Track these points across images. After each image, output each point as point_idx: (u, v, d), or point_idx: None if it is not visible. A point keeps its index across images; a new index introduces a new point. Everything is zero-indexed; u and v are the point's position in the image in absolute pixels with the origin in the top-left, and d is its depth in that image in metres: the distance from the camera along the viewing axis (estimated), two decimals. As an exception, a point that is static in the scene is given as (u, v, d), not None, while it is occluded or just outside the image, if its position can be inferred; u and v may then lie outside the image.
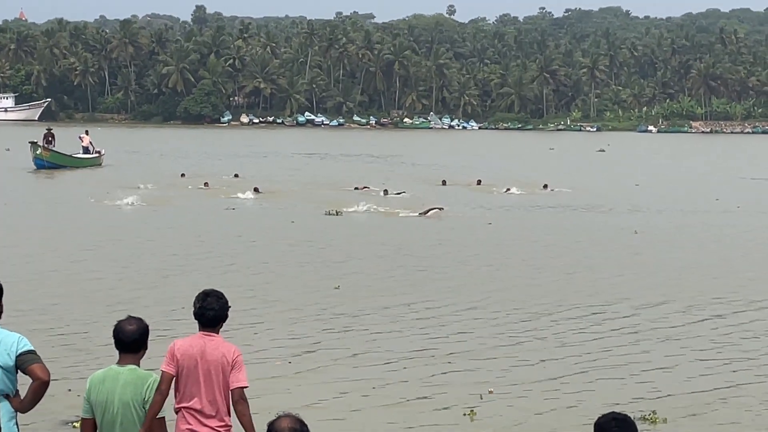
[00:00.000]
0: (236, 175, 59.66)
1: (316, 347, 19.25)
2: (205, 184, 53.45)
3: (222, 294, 8.76)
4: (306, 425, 6.56)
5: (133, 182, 53.25)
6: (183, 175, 60.02)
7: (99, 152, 70.03)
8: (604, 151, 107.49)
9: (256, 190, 49.74)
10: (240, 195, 48.23)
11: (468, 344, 19.51)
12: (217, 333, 8.71)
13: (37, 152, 63.63)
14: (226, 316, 8.77)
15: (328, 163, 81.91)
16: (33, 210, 42.93)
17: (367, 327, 21.08)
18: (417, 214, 41.35)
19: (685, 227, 40.83)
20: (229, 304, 8.79)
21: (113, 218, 39.78)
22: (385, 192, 50.76)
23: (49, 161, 63.94)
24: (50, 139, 66.59)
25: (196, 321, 8.76)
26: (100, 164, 69.15)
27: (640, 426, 14.60)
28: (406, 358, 18.40)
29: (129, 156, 76.00)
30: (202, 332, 8.70)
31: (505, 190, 54.06)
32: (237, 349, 8.75)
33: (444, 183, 58.93)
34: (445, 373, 17.42)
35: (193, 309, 8.77)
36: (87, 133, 71.47)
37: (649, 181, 63.88)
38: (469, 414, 15.14)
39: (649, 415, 15.12)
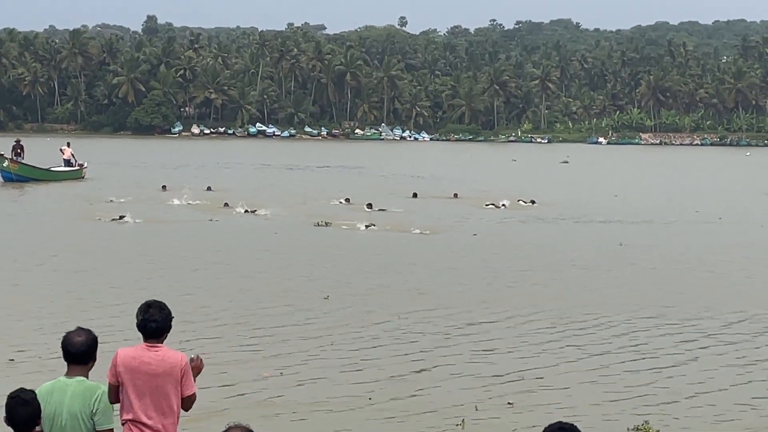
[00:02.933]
0: (209, 188, 57.52)
1: (308, 358, 19.13)
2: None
3: (164, 305, 8.64)
4: None
5: (118, 195, 51.99)
6: (164, 187, 57.89)
7: (81, 165, 67.34)
8: (567, 162, 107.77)
9: (250, 211, 46.48)
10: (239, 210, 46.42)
11: (459, 357, 19.27)
12: (161, 344, 8.58)
13: (4, 164, 60.71)
14: (169, 327, 8.65)
15: (300, 174, 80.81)
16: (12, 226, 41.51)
17: (357, 337, 21.02)
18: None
19: (676, 239, 40.89)
20: (172, 315, 8.68)
21: (112, 235, 38.62)
22: (369, 206, 48.99)
23: (18, 174, 60.71)
24: (19, 151, 64.12)
25: (140, 332, 8.60)
26: (83, 177, 66.16)
27: None
28: (397, 373, 18.20)
29: (100, 168, 72.77)
30: (145, 344, 8.55)
31: (501, 204, 51.94)
32: (184, 356, 8.65)
33: (415, 195, 57.37)
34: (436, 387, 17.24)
35: (135, 321, 8.60)
36: (69, 145, 69.02)
37: (626, 193, 63.75)
38: (460, 424, 15.02)
39: (642, 425, 14.99)
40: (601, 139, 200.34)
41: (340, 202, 52.05)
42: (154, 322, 8.51)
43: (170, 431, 8.52)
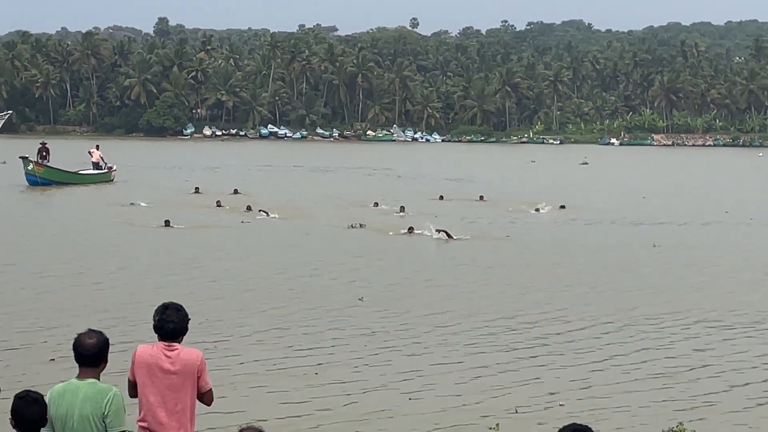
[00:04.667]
0: (236, 191, 56.77)
1: (343, 358, 19.21)
2: (217, 203, 50.19)
3: (181, 306, 8.73)
4: None
5: (150, 199, 51.42)
6: (197, 189, 57.24)
7: (110, 167, 65.86)
8: (587, 163, 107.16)
9: (264, 212, 45.82)
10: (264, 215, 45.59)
11: (493, 358, 19.22)
12: (179, 342, 8.67)
13: (29, 168, 59.29)
14: (186, 329, 8.73)
15: (325, 177, 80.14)
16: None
17: (393, 338, 21.01)
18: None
19: (711, 240, 41.05)
20: (189, 317, 8.74)
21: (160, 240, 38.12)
22: (402, 209, 48.12)
23: (43, 177, 59.34)
24: (44, 153, 62.89)
25: (156, 333, 8.68)
26: (112, 180, 64.82)
27: None
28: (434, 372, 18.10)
29: (123, 170, 70.83)
30: (162, 343, 8.62)
31: (534, 209, 50.79)
32: (200, 353, 8.78)
33: (441, 198, 56.72)
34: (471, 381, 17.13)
35: (153, 322, 8.67)
36: (97, 147, 67.55)
37: (652, 194, 63.36)
38: (494, 428, 14.90)
39: (677, 426, 14.87)
40: (613, 140, 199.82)
41: (375, 205, 51.28)
42: (172, 323, 8.57)
43: (187, 428, 8.58)
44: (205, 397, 8.70)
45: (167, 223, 40.10)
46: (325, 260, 32.66)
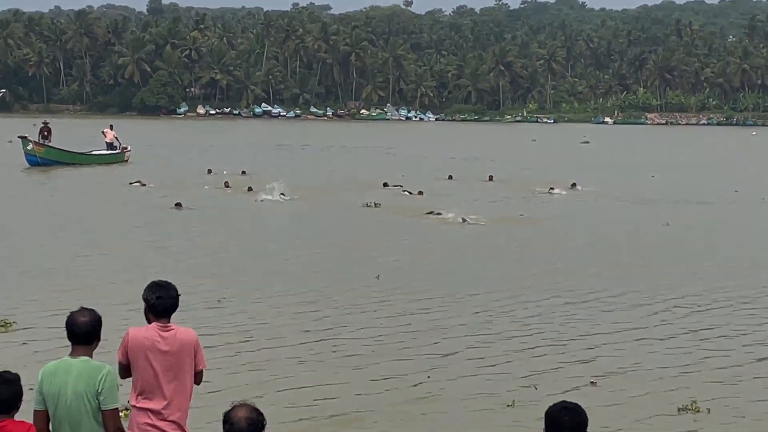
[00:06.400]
0: (243, 172, 55.29)
1: (359, 335, 18.98)
2: (226, 183, 48.82)
3: (172, 284, 8.64)
4: (262, 414, 6.53)
5: (162, 180, 50.15)
6: (210, 171, 55.96)
7: (125, 148, 64.34)
8: (588, 142, 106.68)
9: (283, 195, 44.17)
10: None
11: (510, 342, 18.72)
12: (170, 322, 8.55)
13: (29, 147, 57.89)
14: (176, 306, 8.62)
15: (330, 156, 79.10)
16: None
17: (408, 317, 20.77)
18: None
19: (724, 218, 40.89)
20: (179, 293, 8.65)
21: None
22: (420, 193, 46.65)
23: (43, 157, 58.00)
24: (46, 133, 61.90)
25: (149, 313, 8.56)
26: (126, 161, 63.12)
27: (682, 416, 14.51)
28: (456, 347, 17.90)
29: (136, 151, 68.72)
30: (156, 324, 8.49)
31: (548, 189, 49.56)
32: (195, 332, 8.67)
33: (450, 177, 55.90)
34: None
35: (144, 301, 8.57)
36: (111, 128, 66.09)
37: (660, 173, 62.84)
38: (511, 404, 14.77)
39: (691, 404, 14.89)
40: (607, 119, 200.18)
41: (385, 185, 49.94)
42: (167, 300, 8.50)
43: (184, 408, 8.53)
44: (197, 376, 8.61)
45: (178, 206, 39.40)
46: (343, 236, 32.60)
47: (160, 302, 8.50)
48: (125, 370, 8.41)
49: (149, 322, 8.56)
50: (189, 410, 8.68)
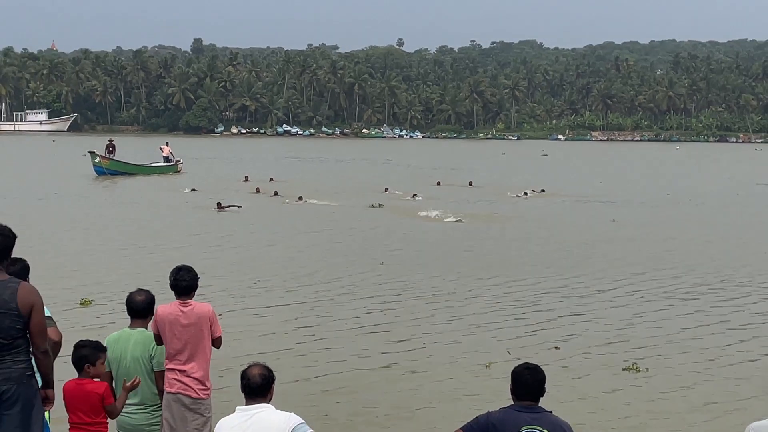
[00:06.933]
0: (271, 179, 54.49)
1: (365, 304, 18.85)
2: (257, 189, 48.11)
3: (192, 268, 8.58)
4: (272, 371, 6.68)
5: (207, 187, 49.19)
6: (246, 178, 55.37)
7: (178, 161, 63.85)
8: (547, 155, 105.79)
9: (300, 198, 43.47)
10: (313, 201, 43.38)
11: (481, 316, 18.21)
12: (191, 299, 8.49)
13: (96, 160, 57.80)
14: (196, 286, 8.57)
15: (340, 167, 77.75)
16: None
17: (404, 294, 20.58)
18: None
19: (660, 215, 40.46)
20: (198, 276, 8.61)
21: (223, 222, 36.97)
22: (414, 196, 45.86)
23: (108, 169, 57.76)
24: (111, 149, 61.13)
25: (172, 291, 8.54)
26: (179, 171, 62.33)
27: (624, 374, 14.37)
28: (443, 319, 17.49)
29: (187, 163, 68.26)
30: (178, 300, 8.47)
31: (523, 193, 48.61)
32: (210, 306, 8.62)
33: (438, 183, 54.84)
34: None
35: (168, 282, 8.55)
36: (167, 144, 65.88)
37: (607, 180, 62.50)
38: (488, 365, 14.73)
39: (632, 365, 14.90)
40: (560, 136, 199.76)
41: (386, 190, 48.94)
42: (184, 281, 8.43)
43: (205, 369, 8.50)
44: (216, 342, 8.55)
45: (219, 206, 38.90)
46: (353, 232, 32.37)
47: (179, 283, 8.46)
48: (159, 339, 8.40)
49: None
50: (212, 370, 8.72)
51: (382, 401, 12.98)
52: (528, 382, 6.44)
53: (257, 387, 6.58)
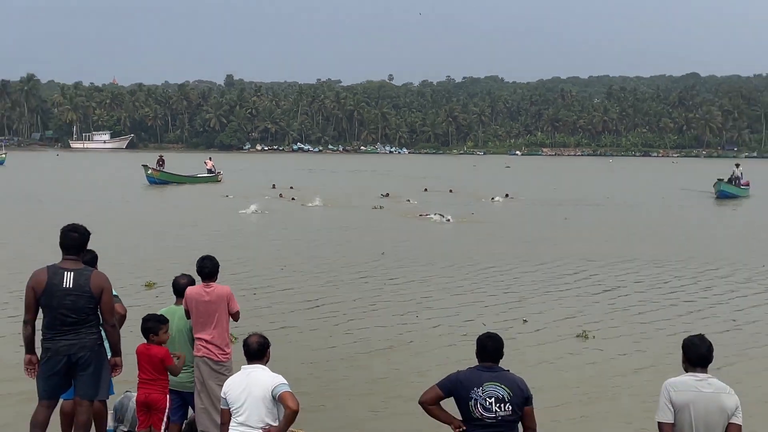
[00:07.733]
0: (291, 187, 53.82)
1: (368, 288, 18.52)
2: (280, 194, 47.64)
3: (213, 257, 8.52)
4: (267, 339, 6.83)
5: (246, 194, 47.87)
6: (274, 186, 54.86)
7: (219, 172, 63.07)
8: (509, 167, 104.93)
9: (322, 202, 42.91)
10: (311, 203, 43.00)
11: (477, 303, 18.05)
12: (214, 281, 8.44)
13: (148, 172, 57.77)
14: (217, 272, 8.51)
15: (346, 176, 76.84)
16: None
17: (401, 279, 20.31)
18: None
19: (602, 214, 40.30)
20: (219, 264, 8.57)
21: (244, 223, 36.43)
22: (408, 200, 45.47)
23: (159, 179, 57.46)
24: (161, 162, 60.79)
25: (198, 276, 8.52)
26: (219, 181, 61.00)
27: (576, 341, 14.23)
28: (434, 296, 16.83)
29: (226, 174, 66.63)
30: (202, 284, 8.46)
31: (492, 198, 47.67)
32: (229, 288, 8.56)
33: (426, 190, 53.82)
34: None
35: (195, 268, 8.52)
36: (210, 159, 64.83)
37: (558, 187, 62.08)
38: (465, 335, 14.41)
39: (582, 333, 14.84)
40: (517, 152, 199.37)
41: (382, 195, 48.41)
42: (207, 268, 8.42)
43: (224, 337, 8.43)
44: (234, 316, 8.50)
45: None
46: (358, 228, 32.20)
47: (203, 270, 8.44)
48: (188, 313, 8.42)
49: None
50: (231, 340, 8.71)
51: (379, 367, 12.80)
52: (489, 348, 6.41)
53: (255, 351, 6.79)
